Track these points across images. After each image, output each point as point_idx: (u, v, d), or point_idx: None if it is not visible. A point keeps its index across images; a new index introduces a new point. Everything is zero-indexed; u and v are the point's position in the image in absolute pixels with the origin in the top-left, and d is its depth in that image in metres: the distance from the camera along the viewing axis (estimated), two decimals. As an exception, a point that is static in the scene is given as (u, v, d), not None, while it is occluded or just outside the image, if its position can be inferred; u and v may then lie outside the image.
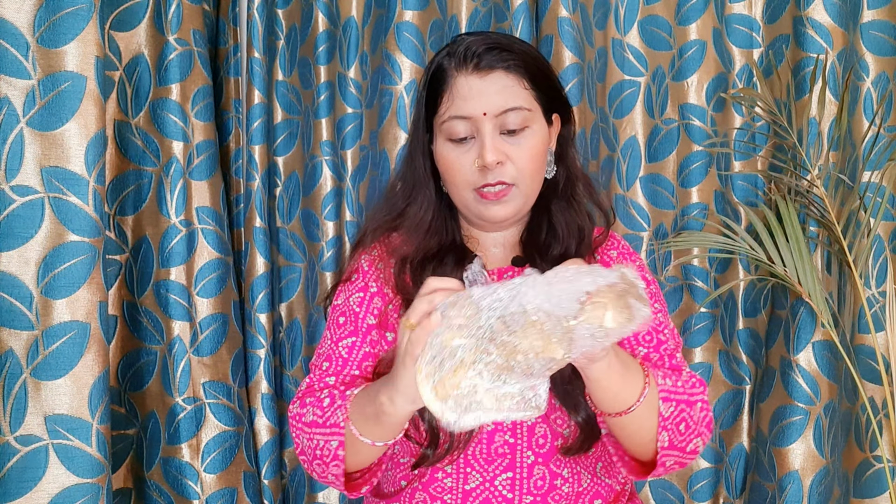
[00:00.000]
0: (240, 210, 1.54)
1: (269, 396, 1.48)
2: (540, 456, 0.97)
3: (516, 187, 0.98)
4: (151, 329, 1.37)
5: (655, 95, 1.57)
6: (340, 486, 0.94)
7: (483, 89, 0.96)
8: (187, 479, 1.34)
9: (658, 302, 1.07)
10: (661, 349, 1.02)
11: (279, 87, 1.57)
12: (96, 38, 1.14)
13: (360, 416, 0.89)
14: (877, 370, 1.45)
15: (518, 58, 0.98)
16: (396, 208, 1.05)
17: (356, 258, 1.07)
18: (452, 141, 0.98)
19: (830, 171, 1.44)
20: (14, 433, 1.09)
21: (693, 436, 0.95)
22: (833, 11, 1.46)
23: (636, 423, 0.91)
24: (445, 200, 1.05)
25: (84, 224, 1.13)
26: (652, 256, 1.57)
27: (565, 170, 1.06)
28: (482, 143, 0.95)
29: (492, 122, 0.96)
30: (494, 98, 0.95)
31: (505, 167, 0.96)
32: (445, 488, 0.99)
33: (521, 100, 0.97)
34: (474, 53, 0.96)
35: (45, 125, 1.12)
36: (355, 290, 1.04)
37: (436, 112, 0.99)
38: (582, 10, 1.50)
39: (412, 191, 1.04)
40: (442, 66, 0.99)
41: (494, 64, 0.96)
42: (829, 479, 1.45)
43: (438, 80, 0.99)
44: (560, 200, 1.05)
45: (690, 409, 0.94)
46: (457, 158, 0.98)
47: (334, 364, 1.00)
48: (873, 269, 1.47)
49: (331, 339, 1.02)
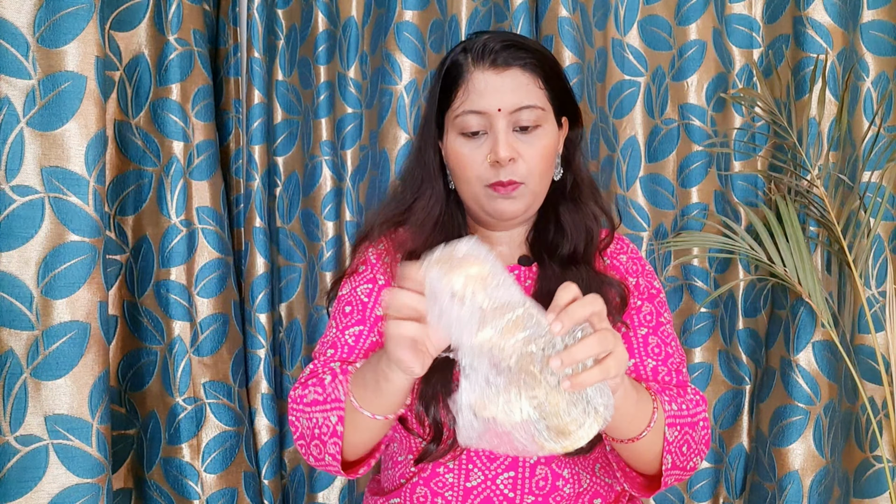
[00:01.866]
0: (240, 210, 1.54)
1: (269, 396, 1.48)
2: (542, 456, 0.97)
3: (525, 185, 0.98)
4: (152, 329, 1.37)
5: (655, 95, 1.57)
6: (337, 466, 0.91)
7: (499, 86, 0.96)
8: (188, 479, 1.34)
9: (667, 311, 1.07)
10: (668, 362, 1.02)
11: (279, 87, 1.57)
12: (96, 38, 1.14)
13: (360, 385, 0.87)
14: (877, 370, 1.45)
15: (534, 57, 0.98)
16: (404, 203, 1.05)
17: (362, 251, 1.07)
18: (465, 135, 0.98)
19: (830, 171, 1.44)
20: (14, 433, 1.09)
21: (694, 455, 0.96)
22: (833, 11, 1.46)
23: (644, 447, 0.92)
24: (453, 197, 1.05)
25: (84, 224, 1.13)
26: (652, 256, 1.57)
27: (572, 174, 1.07)
28: (495, 138, 0.96)
29: (506, 119, 0.96)
30: (510, 95, 0.96)
31: (516, 164, 0.97)
32: (447, 484, 0.99)
33: (536, 98, 0.98)
34: (492, 50, 0.97)
35: (46, 125, 1.12)
36: (363, 280, 1.04)
37: (448, 107, 1.00)
38: (582, 10, 1.50)
39: (420, 185, 1.04)
40: (458, 61, 0.99)
41: (511, 61, 0.97)
42: (829, 479, 1.45)
43: (454, 75, 0.99)
44: (567, 202, 1.06)
45: (693, 430, 0.95)
46: (469, 153, 0.98)
47: (340, 351, 0.99)
48: (873, 269, 1.47)
49: (336, 327, 1.01)
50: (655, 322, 1.04)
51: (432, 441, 0.95)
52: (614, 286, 1.01)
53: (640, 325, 1.03)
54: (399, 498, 1.03)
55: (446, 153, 1.02)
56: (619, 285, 1.02)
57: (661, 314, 1.05)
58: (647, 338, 1.02)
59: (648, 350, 1.01)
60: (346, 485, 1.56)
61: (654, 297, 1.06)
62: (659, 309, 1.05)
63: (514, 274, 1.04)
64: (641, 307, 1.04)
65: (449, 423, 0.94)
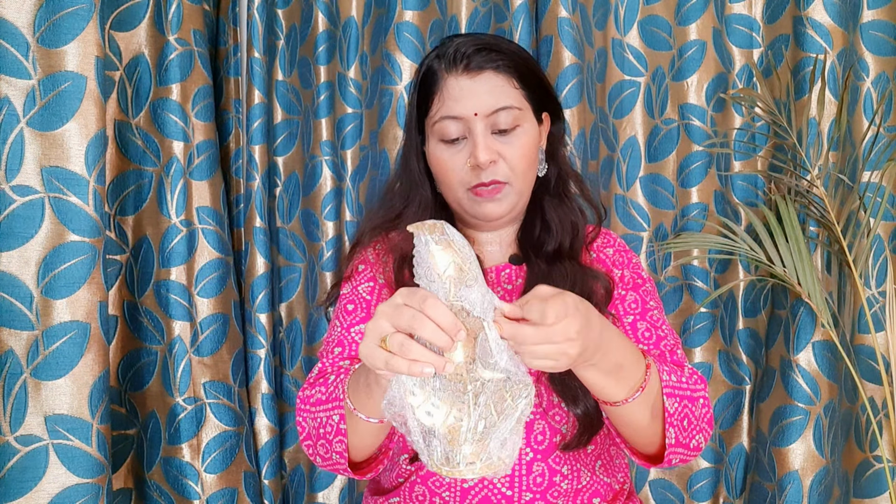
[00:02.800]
0: (240, 210, 1.54)
1: (270, 396, 1.48)
2: (539, 453, 0.97)
3: (509, 185, 0.99)
4: (152, 329, 1.37)
5: (655, 95, 1.57)
6: (344, 465, 0.91)
7: (474, 90, 0.96)
8: (188, 479, 1.34)
9: (654, 300, 1.07)
10: (661, 345, 1.02)
11: (279, 87, 1.57)
12: (96, 38, 1.14)
13: (354, 388, 0.87)
14: (877, 370, 1.45)
15: (507, 58, 0.98)
16: (394, 209, 1.06)
17: (356, 257, 1.07)
18: (445, 142, 0.99)
19: (830, 171, 1.44)
20: (14, 433, 1.09)
21: (696, 432, 0.95)
22: (833, 11, 1.46)
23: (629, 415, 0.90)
24: (440, 201, 1.06)
25: (84, 224, 1.13)
26: (652, 257, 1.57)
27: (556, 167, 1.07)
28: (474, 142, 0.96)
29: (483, 122, 0.96)
30: (485, 98, 0.96)
31: (497, 166, 0.97)
32: (444, 483, 0.99)
33: (512, 99, 0.98)
34: (464, 55, 0.97)
35: (46, 125, 1.12)
36: (364, 279, 1.04)
37: (427, 114, 1.00)
38: (582, 11, 1.50)
39: (409, 192, 1.05)
40: (432, 68, 1.00)
41: (484, 64, 0.97)
42: (828, 479, 1.45)
43: (429, 82, 1.00)
44: (552, 197, 1.06)
45: (692, 405, 0.94)
46: (449, 159, 0.99)
47: (347, 349, 0.99)
48: (873, 269, 1.47)
49: (341, 326, 1.01)
50: (642, 309, 1.04)
51: None
52: (599, 279, 1.02)
53: (626, 313, 1.04)
54: (398, 497, 1.03)
55: (429, 159, 1.03)
56: (604, 278, 1.02)
57: (647, 302, 1.05)
58: (636, 324, 1.03)
59: (638, 336, 1.01)
60: (346, 485, 1.56)
61: (639, 287, 1.06)
62: (644, 297, 1.06)
63: (506, 273, 1.05)
64: (626, 296, 1.05)
65: None
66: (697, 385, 0.96)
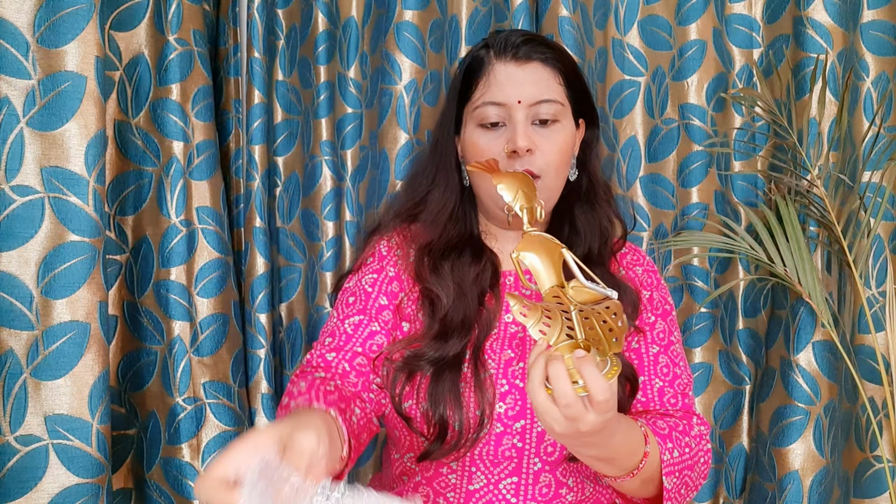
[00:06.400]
0: (240, 210, 1.54)
1: (269, 396, 1.48)
2: (547, 464, 0.97)
3: (542, 179, 0.98)
4: (151, 329, 1.37)
5: (655, 95, 1.57)
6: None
7: (520, 78, 0.97)
8: (188, 479, 1.34)
9: (676, 330, 1.07)
10: (675, 384, 1.02)
11: (279, 87, 1.57)
12: (96, 38, 1.13)
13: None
14: (877, 370, 1.45)
15: (555, 53, 1.00)
16: (418, 194, 1.06)
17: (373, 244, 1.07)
18: (483, 126, 0.99)
19: (830, 171, 1.44)
20: (14, 433, 1.09)
21: (692, 491, 0.97)
22: (833, 11, 1.46)
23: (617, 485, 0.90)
24: (467, 194, 1.05)
25: (84, 224, 1.13)
26: (652, 256, 1.57)
27: (588, 176, 1.07)
28: (514, 129, 0.96)
29: (525, 111, 0.97)
30: (530, 88, 0.97)
31: (534, 156, 0.97)
32: (449, 485, 0.99)
33: (555, 93, 0.98)
34: (514, 44, 0.99)
35: (45, 125, 1.12)
36: (369, 271, 1.04)
37: (468, 100, 1.00)
38: (582, 10, 1.50)
39: (435, 176, 1.05)
40: (479, 55, 1.01)
41: (532, 55, 0.98)
42: (829, 479, 1.45)
43: (475, 69, 1.01)
44: (583, 203, 1.06)
45: (692, 471, 0.95)
46: (486, 144, 0.99)
47: (337, 339, 0.99)
48: (873, 269, 1.47)
49: (337, 317, 1.02)
50: (667, 341, 1.04)
51: (435, 441, 0.95)
52: (627, 293, 1.01)
53: (653, 342, 1.03)
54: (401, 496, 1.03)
55: (463, 146, 1.03)
56: (632, 292, 1.02)
57: (672, 332, 1.06)
58: (658, 357, 1.03)
59: (658, 370, 1.02)
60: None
61: (667, 314, 1.07)
62: (671, 327, 1.06)
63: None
64: (655, 323, 1.04)
65: (454, 424, 0.94)
66: (700, 443, 0.96)
